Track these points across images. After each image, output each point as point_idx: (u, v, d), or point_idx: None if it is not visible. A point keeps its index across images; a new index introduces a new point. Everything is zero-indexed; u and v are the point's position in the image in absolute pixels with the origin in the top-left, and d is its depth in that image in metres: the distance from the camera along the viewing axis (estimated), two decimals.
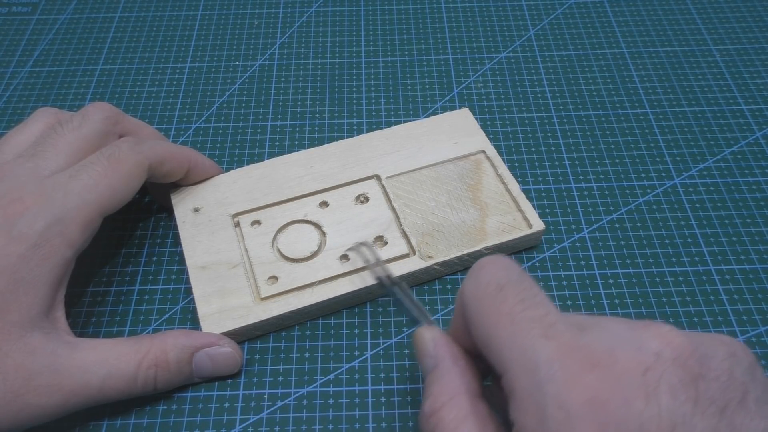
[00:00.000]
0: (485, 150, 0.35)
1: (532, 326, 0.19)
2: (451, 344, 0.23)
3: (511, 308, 0.20)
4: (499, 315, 0.20)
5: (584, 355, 0.18)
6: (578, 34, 0.45)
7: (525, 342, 0.19)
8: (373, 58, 0.43)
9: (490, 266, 0.22)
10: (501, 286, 0.21)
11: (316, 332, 0.30)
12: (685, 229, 0.34)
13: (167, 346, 0.27)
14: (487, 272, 0.22)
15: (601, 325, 0.19)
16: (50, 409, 0.24)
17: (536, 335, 0.19)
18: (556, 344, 0.19)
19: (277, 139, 0.38)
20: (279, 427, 0.27)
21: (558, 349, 0.18)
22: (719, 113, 0.39)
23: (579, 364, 0.18)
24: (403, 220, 0.32)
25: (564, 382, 0.18)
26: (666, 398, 0.17)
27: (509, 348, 0.19)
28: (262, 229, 0.32)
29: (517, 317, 0.20)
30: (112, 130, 0.30)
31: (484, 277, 0.22)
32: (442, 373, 0.22)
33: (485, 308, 0.21)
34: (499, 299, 0.21)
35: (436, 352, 0.23)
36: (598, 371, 0.18)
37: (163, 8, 0.47)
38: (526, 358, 0.19)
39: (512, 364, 0.19)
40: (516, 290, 0.21)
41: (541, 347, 0.19)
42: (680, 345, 0.18)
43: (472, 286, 0.22)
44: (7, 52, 0.44)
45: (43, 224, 0.25)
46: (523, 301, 0.20)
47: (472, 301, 0.21)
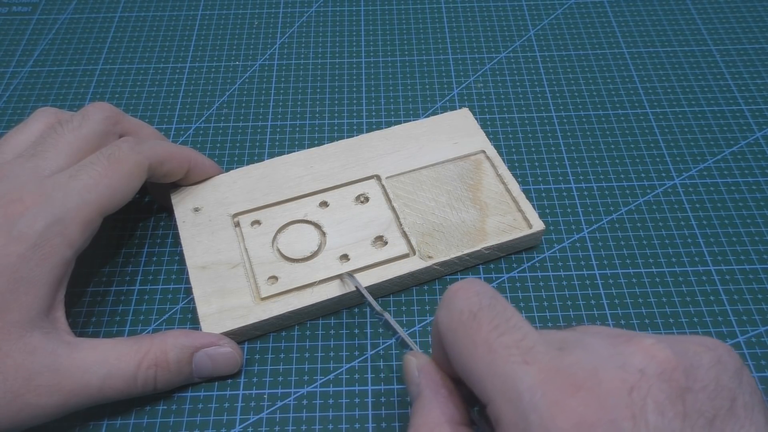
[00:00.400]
0: (485, 150, 0.35)
1: (510, 352, 0.19)
2: (434, 373, 0.23)
3: (486, 335, 0.20)
4: (475, 345, 0.20)
5: (566, 378, 0.18)
6: (578, 34, 0.45)
7: (505, 370, 0.19)
8: (373, 58, 0.43)
9: (461, 293, 0.21)
10: (474, 314, 0.20)
11: (316, 332, 0.30)
12: (685, 230, 0.34)
13: (167, 346, 0.27)
14: (459, 299, 0.21)
15: (581, 344, 0.19)
16: (50, 409, 0.24)
17: (515, 362, 0.19)
18: (537, 369, 0.18)
19: (277, 139, 0.38)
20: (279, 427, 0.27)
21: (539, 374, 0.18)
22: (719, 113, 0.39)
23: (562, 389, 0.18)
24: (403, 220, 0.32)
25: (548, 408, 0.17)
26: (653, 417, 0.17)
27: (490, 377, 0.19)
28: (262, 229, 0.32)
29: (494, 345, 0.19)
30: (112, 130, 0.30)
31: (456, 305, 0.21)
32: (424, 404, 0.22)
33: (460, 338, 0.20)
34: (474, 328, 0.20)
35: (419, 381, 0.23)
36: (582, 394, 0.17)
37: (163, 8, 0.47)
38: (507, 387, 0.18)
39: (495, 394, 0.19)
40: (489, 316, 0.20)
41: (522, 374, 0.18)
42: (664, 359, 0.18)
43: (445, 316, 0.21)
44: (7, 52, 0.44)
45: (43, 224, 0.25)
46: (497, 327, 0.20)
47: (447, 333, 0.21)
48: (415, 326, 0.30)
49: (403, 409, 0.28)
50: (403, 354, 0.24)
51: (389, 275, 0.30)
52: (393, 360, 0.29)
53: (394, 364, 0.29)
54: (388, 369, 0.29)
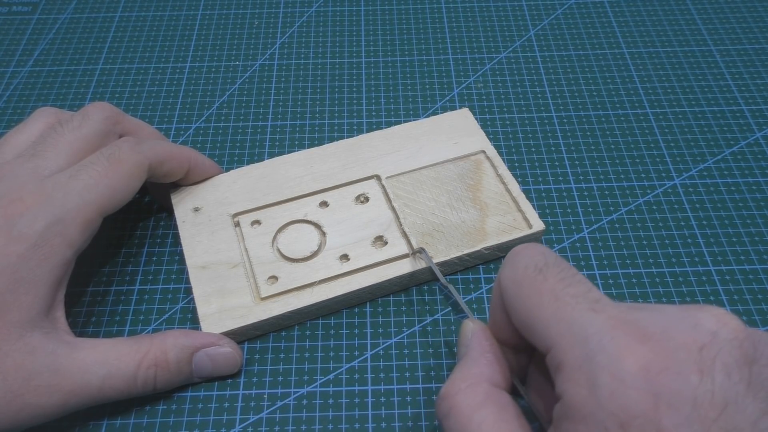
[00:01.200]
0: (485, 150, 0.35)
1: (578, 301, 0.19)
2: (485, 337, 0.24)
3: (553, 286, 0.20)
4: (541, 294, 0.20)
5: (635, 329, 0.18)
6: (578, 34, 0.45)
7: (572, 316, 0.19)
8: (373, 58, 0.43)
9: (526, 251, 0.22)
10: (539, 269, 0.21)
11: (316, 332, 0.30)
12: (685, 230, 0.34)
13: (167, 345, 0.27)
14: (524, 257, 0.22)
15: (651, 307, 0.20)
16: (50, 408, 0.24)
17: (583, 309, 0.19)
18: (605, 316, 0.19)
19: (277, 139, 0.38)
20: (279, 427, 0.27)
21: (607, 321, 0.19)
22: (719, 113, 0.39)
23: (630, 336, 0.18)
24: (403, 220, 0.32)
25: (616, 351, 0.18)
26: (720, 376, 0.17)
27: (555, 323, 0.19)
28: (262, 229, 0.32)
29: (560, 294, 0.20)
30: (112, 130, 0.30)
31: (521, 262, 0.22)
32: (467, 362, 0.23)
33: (525, 290, 0.21)
34: (540, 280, 0.21)
35: (469, 342, 0.23)
36: (651, 344, 0.18)
37: (163, 8, 0.47)
38: (573, 331, 0.19)
39: (559, 339, 0.19)
40: (555, 270, 0.21)
41: (590, 320, 0.19)
42: (737, 327, 0.18)
43: (509, 271, 0.22)
44: (7, 52, 0.44)
45: (43, 224, 0.25)
46: (563, 279, 0.20)
47: (511, 286, 0.22)
48: (415, 326, 0.30)
49: (403, 409, 0.28)
50: None
51: (389, 275, 0.30)
52: (393, 360, 0.29)
53: (394, 364, 0.29)
54: (388, 369, 0.29)
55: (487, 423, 0.20)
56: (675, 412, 0.17)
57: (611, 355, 0.18)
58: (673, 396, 0.17)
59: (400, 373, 0.29)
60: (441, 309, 0.31)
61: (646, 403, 0.17)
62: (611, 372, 0.17)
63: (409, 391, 0.28)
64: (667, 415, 0.17)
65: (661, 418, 0.17)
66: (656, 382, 0.17)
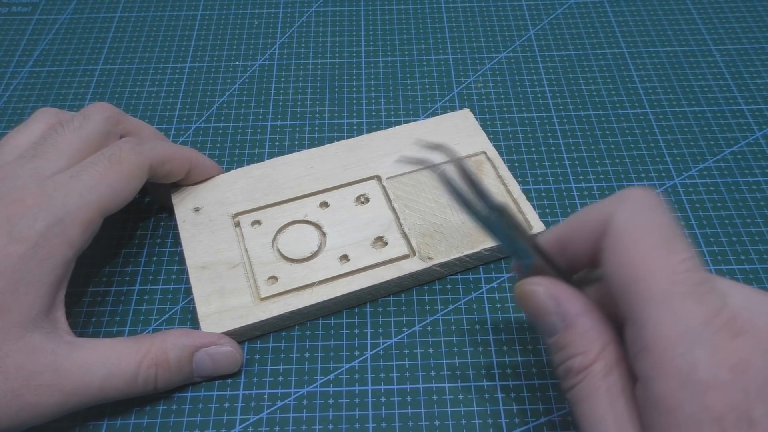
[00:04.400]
0: (486, 151, 0.35)
1: (690, 290, 0.19)
2: (575, 295, 0.22)
3: (675, 265, 0.20)
4: (660, 267, 0.20)
5: (728, 321, 0.19)
6: (578, 34, 0.45)
7: (680, 303, 0.19)
8: (373, 58, 0.43)
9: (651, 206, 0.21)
10: (668, 236, 0.20)
11: (316, 332, 0.30)
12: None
13: (167, 345, 0.27)
14: (650, 212, 0.21)
15: (735, 290, 0.20)
16: (50, 408, 0.24)
17: (693, 300, 0.19)
18: (706, 310, 0.19)
19: (277, 139, 0.38)
20: (279, 427, 0.27)
21: (707, 315, 0.19)
22: (719, 113, 0.39)
23: (726, 332, 0.19)
24: (404, 221, 0.32)
25: (715, 346, 0.18)
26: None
27: (660, 304, 0.19)
28: (262, 229, 0.32)
29: (680, 277, 0.19)
30: (113, 131, 0.30)
31: (646, 217, 0.21)
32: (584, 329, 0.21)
33: (645, 251, 0.20)
34: (667, 251, 0.20)
35: (562, 309, 0.22)
36: (742, 338, 0.19)
37: (163, 8, 0.47)
38: (678, 319, 0.19)
39: (659, 322, 0.19)
40: (682, 246, 0.20)
41: (696, 311, 0.19)
42: None
43: (629, 219, 0.21)
44: (7, 52, 0.44)
45: (43, 224, 0.25)
46: (685, 260, 0.20)
47: (627, 238, 0.20)
48: (415, 326, 0.30)
49: (403, 409, 0.28)
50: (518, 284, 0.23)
51: (389, 276, 0.30)
52: (393, 360, 0.29)
53: (394, 364, 0.29)
54: (388, 369, 0.29)
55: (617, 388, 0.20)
56: (763, 404, 0.18)
57: (711, 350, 0.18)
58: (760, 388, 0.18)
59: (400, 373, 0.29)
60: (441, 309, 0.31)
61: (737, 397, 0.18)
62: (709, 367, 0.18)
63: (409, 391, 0.28)
64: (756, 407, 0.18)
65: (751, 410, 0.18)
66: (746, 377, 0.18)
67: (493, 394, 0.28)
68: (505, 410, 0.28)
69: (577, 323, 0.22)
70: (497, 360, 0.29)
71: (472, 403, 0.28)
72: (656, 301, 0.19)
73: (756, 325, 0.19)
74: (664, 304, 0.19)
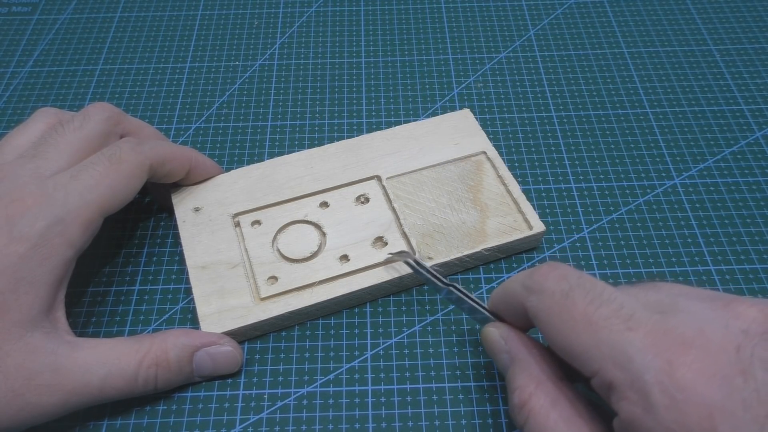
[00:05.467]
0: (486, 151, 0.35)
1: (612, 323, 0.20)
2: (521, 336, 0.24)
3: (584, 310, 0.21)
4: (574, 320, 0.21)
5: (675, 338, 0.19)
6: (578, 34, 0.45)
7: (610, 338, 0.19)
8: (373, 58, 0.43)
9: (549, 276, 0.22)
10: (565, 293, 0.21)
11: (316, 332, 0.30)
12: (685, 229, 0.34)
13: (168, 345, 0.27)
14: (549, 283, 0.22)
15: (679, 307, 0.20)
16: (50, 408, 0.24)
17: (619, 330, 0.19)
18: (643, 333, 0.19)
19: (277, 139, 0.38)
20: (279, 427, 0.27)
21: (646, 337, 0.19)
22: (719, 113, 0.39)
23: (672, 348, 0.18)
24: (404, 221, 0.32)
25: (662, 366, 0.18)
26: (761, 373, 0.18)
27: (595, 348, 0.20)
28: (262, 229, 0.32)
29: (593, 317, 0.20)
30: (113, 131, 0.30)
31: (547, 288, 0.22)
32: (522, 366, 0.23)
33: (556, 317, 0.21)
34: (569, 306, 0.21)
35: (509, 347, 0.24)
36: (693, 353, 0.18)
37: (163, 8, 0.47)
38: (616, 353, 0.19)
39: (603, 363, 0.19)
40: (581, 293, 0.21)
41: (629, 339, 0.19)
42: (764, 320, 0.19)
43: (536, 300, 0.22)
44: (7, 52, 0.44)
45: (44, 224, 0.25)
46: (592, 302, 0.21)
47: (542, 314, 0.22)
48: (415, 326, 0.30)
49: (403, 409, 0.28)
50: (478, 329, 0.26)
51: (389, 276, 0.30)
52: (393, 360, 0.29)
53: (394, 364, 0.29)
54: (388, 369, 0.29)
55: (563, 419, 0.21)
56: (729, 417, 0.17)
57: (658, 371, 0.18)
58: (724, 402, 0.17)
59: (400, 373, 0.29)
60: (441, 309, 0.31)
61: (700, 414, 0.17)
62: (662, 389, 0.18)
63: (409, 391, 0.28)
64: (722, 422, 0.17)
65: (717, 425, 0.17)
66: (707, 392, 0.18)
67: (493, 394, 0.28)
68: (505, 410, 0.28)
69: (518, 358, 0.24)
70: None
71: (472, 403, 0.28)
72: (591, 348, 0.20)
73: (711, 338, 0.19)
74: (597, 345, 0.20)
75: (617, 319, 0.20)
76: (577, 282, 0.22)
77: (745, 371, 0.18)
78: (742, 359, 0.18)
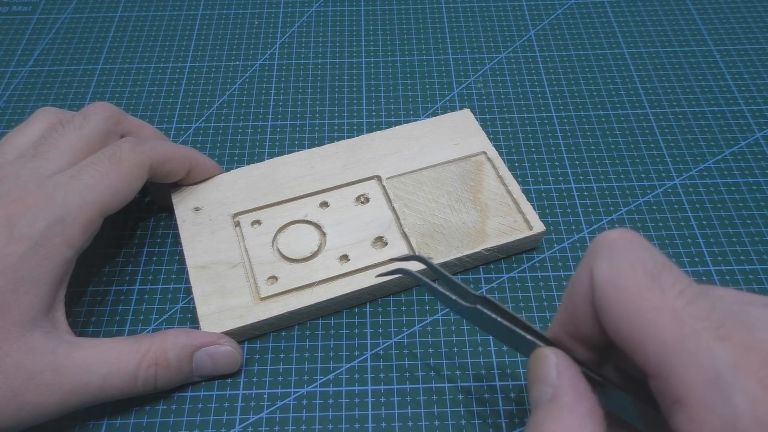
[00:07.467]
0: (486, 151, 0.35)
1: (703, 326, 0.17)
2: (578, 377, 0.20)
3: (672, 302, 0.17)
4: (658, 311, 0.17)
5: (763, 356, 0.16)
6: (578, 34, 0.45)
7: (698, 345, 0.17)
8: (373, 58, 0.43)
9: (627, 246, 0.19)
10: (651, 273, 0.18)
11: (316, 332, 0.30)
12: (685, 230, 0.34)
13: (167, 345, 0.27)
14: (628, 253, 0.19)
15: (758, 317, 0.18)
16: (50, 407, 0.24)
17: (710, 337, 0.17)
18: (734, 346, 0.17)
19: (277, 139, 0.38)
20: (279, 427, 0.27)
21: (735, 353, 0.16)
22: (719, 113, 0.39)
23: (764, 368, 0.16)
24: (404, 221, 0.32)
25: (755, 390, 0.16)
26: None
27: (676, 351, 0.17)
28: (262, 229, 0.32)
29: (682, 314, 0.17)
30: (113, 130, 0.30)
31: (625, 259, 0.19)
32: (563, 411, 0.19)
33: (635, 300, 0.18)
34: (654, 290, 0.18)
35: (558, 382, 0.20)
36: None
37: (163, 8, 0.47)
38: (702, 365, 0.16)
39: (683, 371, 0.17)
40: (672, 279, 0.18)
41: (720, 351, 0.16)
42: None
43: (608, 269, 0.19)
44: (7, 52, 0.44)
45: (44, 224, 0.25)
46: (683, 292, 0.18)
47: (612, 289, 0.18)
48: (415, 326, 0.30)
49: (402, 409, 0.28)
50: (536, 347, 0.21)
51: (389, 276, 0.30)
52: (393, 360, 0.29)
53: (394, 364, 0.29)
54: (388, 369, 0.29)
55: None
56: None
57: (751, 395, 0.16)
58: None
59: (400, 373, 0.29)
60: (441, 309, 0.31)
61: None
62: (754, 416, 0.16)
63: (409, 391, 0.28)
64: None
65: None
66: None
67: (493, 394, 0.28)
68: (504, 410, 0.28)
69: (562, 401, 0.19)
70: (497, 360, 0.29)
71: (472, 403, 0.28)
72: (670, 350, 0.17)
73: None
74: (680, 349, 0.17)
75: (709, 323, 0.17)
76: (664, 263, 0.18)
77: None
78: None
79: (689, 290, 0.18)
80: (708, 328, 0.17)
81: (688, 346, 0.17)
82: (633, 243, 0.19)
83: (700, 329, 0.17)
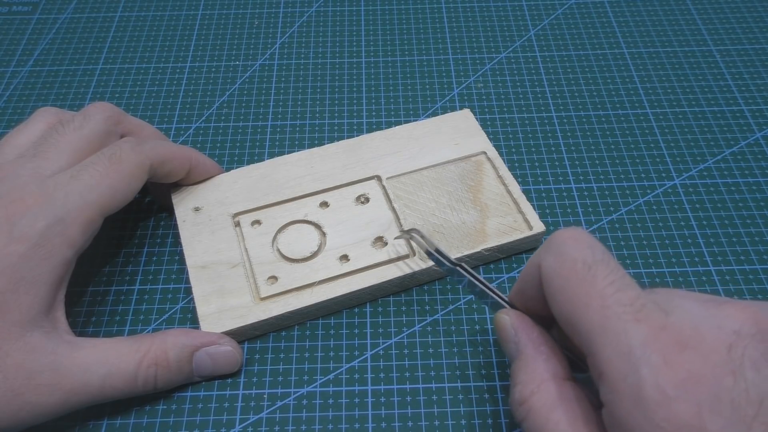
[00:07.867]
0: (486, 151, 0.35)
1: (624, 310, 0.20)
2: (531, 328, 0.24)
3: (602, 290, 0.20)
4: (589, 297, 0.20)
5: (674, 336, 0.19)
6: (578, 34, 0.45)
7: (617, 326, 0.19)
8: (373, 58, 0.43)
9: (572, 242, 0.22)
10: (588, 265, 0.21)
11: (316, 332, 0.30)
12: (685, 230, 0.34)
13: (167, 345, 0.27)
14: (571, 248, 0.22)
15: (680, 306, 0.20)
16: (50, 407, 0.24)
17: (628, 319, 0.19)
18: (647, 326, 0.19)
19: (277, 139, 0.38)
20: (279, 427, 0.27)
21: (649, 332, 0.19)
22: (719, 113, 0.39)
23: (670, 346, 0.19)
24: (404, 221, 0.32)
25: (659, 363, 0.18)
26: (751, 373, 0.18)
27: (600, 331, 0.20)
28: (262, 229, 0.32)
29: (609, 300, 0.20)
30: (113, 130, 0.30)
31: (569, 254, 0.21)
32: (527, 361, 0.23)
33: (573, 288, 0.21)
34: (588, 279, 0.21)
35: (518, 338, 0.23)
36: (688, 352, 0.18)
37: (163, 8, 0.47)
38: (618, 342, 0.19)
39: (603, 348, 0.19)
40: (605, 270, 0.21)
41: (634, 331, 0.19)
42: (755, 321, 0.19)
43: (555, 262, 0.22)
44: (7, 52, 0.44)
45: (44, 224, 0.25)
46: (613, 283, 0.20)
47: (556, 279, 0.21)
48: (415, 326, 0.30)
49: (402, 409, 0.28)
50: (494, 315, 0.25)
51: (389, 276, 0.30)
52: (393, 360, 0.29)
53: (394, 364, 0.29)
54: (388, 369, 0.29)
55: (563, 421, 0.21)
56: (717, 416, 0.17)
57: (655, 367, 0.18)
58: (713, 401, 0.18)
59: (400, 373, 0.29)
60: (441, 309, 0.31)
61: (689, 412, 0.18)
62: (656, 385, 0.18)
63: (409, 391, 0.28)
64: (711, 420, 0.17)
65: (706, 424, 0.17)
66: (697, 391, 0.18)
67: (493, 394, 0.28)
68: (505, 410, 0.28)
69: (525, 352, 0.23)
70: (497, 360, 0.29)
71: (472, 403, 0.28)
72: (596, 330, 0.20)
73: (705, 337, 0.19)
74: (603, 330, 0.19)
75: (630, 308, 0.20)
76: (602, 257, 0.21)
77: (735, 371, 0.18)
78: (733, 359, 0.18)
79: (620, 281, 0.20)
80: (629, 312, 0.19)
81: (610, 327, 0.19)
82: (578, 240, 0.22)
83: (621, 313, 0.19)
